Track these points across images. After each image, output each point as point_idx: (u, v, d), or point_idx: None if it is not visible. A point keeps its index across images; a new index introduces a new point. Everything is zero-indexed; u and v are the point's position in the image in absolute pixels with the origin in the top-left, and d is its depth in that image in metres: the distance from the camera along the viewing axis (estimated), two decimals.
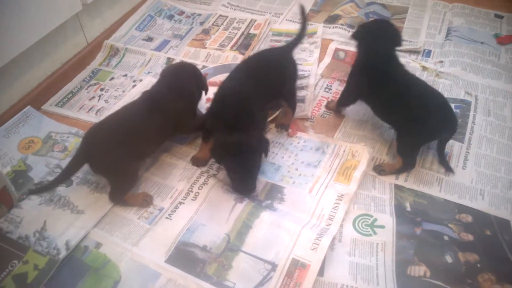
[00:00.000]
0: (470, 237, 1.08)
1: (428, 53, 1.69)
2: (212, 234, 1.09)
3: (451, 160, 1.28)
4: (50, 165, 1.28)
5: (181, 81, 1.26)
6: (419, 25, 1.84)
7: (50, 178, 1.23)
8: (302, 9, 1.34)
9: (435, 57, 1.67)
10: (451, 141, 1.30)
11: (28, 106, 1.46)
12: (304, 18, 1.42)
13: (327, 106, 1.48)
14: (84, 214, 1.15)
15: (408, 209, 1.16)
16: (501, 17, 1.88)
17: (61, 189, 1.20)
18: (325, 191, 1.19)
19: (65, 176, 1.16)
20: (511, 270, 1.01)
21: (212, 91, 1.49)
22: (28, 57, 1.45)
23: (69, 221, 1.12)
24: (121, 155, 1.12)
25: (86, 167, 1.17)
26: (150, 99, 1.21)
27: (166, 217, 1.14)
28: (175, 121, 1.23)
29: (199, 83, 1.31)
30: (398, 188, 1.21)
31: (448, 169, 1.25)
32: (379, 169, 1.24)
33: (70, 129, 1.41)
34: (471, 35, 1.76)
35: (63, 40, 1.61)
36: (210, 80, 1.56)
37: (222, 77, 1.56)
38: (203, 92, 1.34)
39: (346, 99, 1.40)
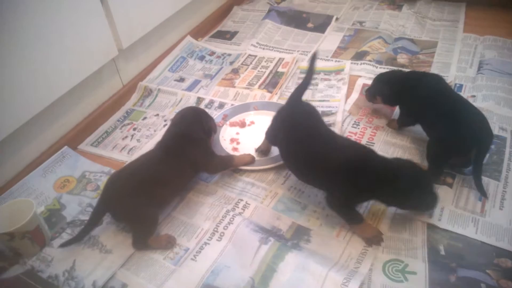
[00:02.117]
0: (510, 285, 1.01)
1: (459, 88, 1.65)
2: (237, 277, 1.08)
3: (487, 199, 1.22)
4: (82, 204, 1.33)
5: (187, 126, 1.31)
6: (449, 59, 1.81)
7: (82, 217, 1.27)
8: (314, 56, 1.31)
9: (467, 92, 1.62)
10: (486, 180, 1.25)
11: (65, 146, 1.53)
12: (312, 65, 1.32)
13: (388, 125, 1.51)
14: (111, 254, 1.17)
15: (442, 252, 1.10)
16: None
17: None
18: (353, 237, 1.16)
19: (89, 227, 1.18)
20: None
21: (233, 131, 1.54)
22: (67, 100, 1.53)
23: (97, 261, 1.15)
24: (140, 203, 1.15)
25: None
26: (162, 147, 1.27)
27: (191, 258, 1.14)
28: (192, 165, 1.27)
29: (205, 125, 1.35)
30: (431, 229, 1.16)
31: (483, 194, 1.21)
32: None
33: (103, 168, 1.46)
34: (504, 68, 1.71)
35: (99, 83, 1.69)
36: (231, 120, 1.60)
37: (243, 116, 1.59)
38: (212, 133, 1.40)
39: (405, 119, 1.45)
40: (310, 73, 1.32)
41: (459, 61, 1.80)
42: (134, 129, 1.65)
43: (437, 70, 1.75)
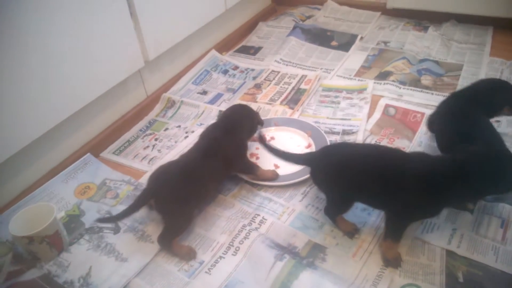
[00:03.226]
0: None
1: None
2: None
3: (509, 227, 1.18)
4: (101, 211, 1.35)
5: (234, 120, 1.38)
6: None
7: (100, 224, 1.29)
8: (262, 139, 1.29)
9: None
10: (508, 208, 1.22)
11: (88, 153, 1.56)
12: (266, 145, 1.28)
13: None
14: (127, 262, 1.18)
15: (461, 280, 1.07)
16: None
17: (109, 236, 1.25)
18: (369, 257, 1.14)
19: (131, 210, 1.18)
20: None
21: (253, 146, 1.55)
22: (92, 108, 1.57)
23: (112, 268, 1.16)
24: (184, 197, 1.19)
25: (135, 214, 1.23)
26: (207, 143, 1.31)
27: (206, 272, 1.14)
28: (228, 161, 1.30)
29: (253, 120, 1.44)
30: (449, 255, 1.13)
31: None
32: None
33: (123, 177, 1.48)
34: None
35: (124, 93, 1.73)
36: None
37: (263, 131, 1.60)
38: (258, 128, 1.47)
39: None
40: (268, 148, 1.28)
41: None
42: (156, 140, 1.68)
43: None
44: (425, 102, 1.72)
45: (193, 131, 1.68)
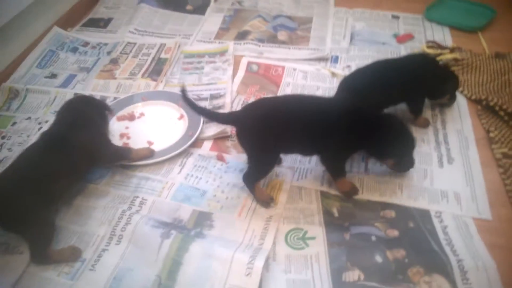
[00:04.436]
0: (395, 233, 1.12)
1: (336, 59, 1.76)
2: (142, 279, 1.03)
3: (369, 159, 1.32)
4: None
5: (79, 112, 1.22)
6: (324, 33, 1.91)
7: None
8: (183, 91, 1.20)
9: (342, 63, 1.73)
10: None
11: None
12: (188, 100, 1.21)
13: (418, 125, 1.42)
14: None
15: (336, 215, 1.18)
16: (397, 17, 2.01)
17: None
18: (254, 214, 1.18)
19: None
20: (437, 259, 1.04)
21: (121, 125, 1.45)
22: None
23: None
24: (30, 204, 1.03)
25: None
26: (50, 139, 1.14)
27: (90, 269, 1.06)
28: (86, 155, 1.17)
29: (100, 109, 1.29)
30: (323, 195, 1.23)
31: None
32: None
33: None
34: (372, 37, 1.86)
35: None
36: (118, 114, 1.50)
37: (130, 108, 1.51)
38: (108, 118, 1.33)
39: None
40: (192, 105, 1.22)
41: (333, 34, 1.90)
42: (3, 137, 1.46)
43: (314, 45, 1.84)
44: (284, 56, 1.79)
45: (47, 121, 1.50)
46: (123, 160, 1.30)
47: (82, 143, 1.15)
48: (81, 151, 1.15)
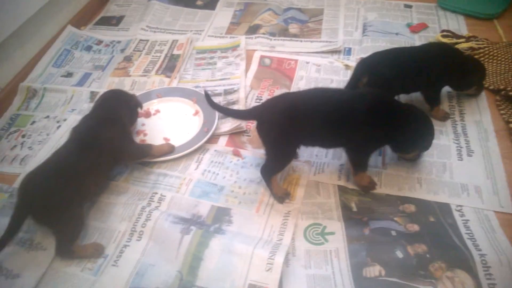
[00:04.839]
0: (416, 228, 1.11)
1: (348, 51, 1.75)
2: (163, 274, 1.04)
3: (386, 153, 1.32)
4: None
5: (111, 109, 1.25)
6: (336, 25, 1.90)
7: None
8: (206, 94, 1.31)
9: (355, 54, 1.72)
10: None
11: None
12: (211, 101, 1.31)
13: (435, 117, 1.39)
14: (20, 278, 1.05)
15: (355, 209, 1.18)
16: (410, 6, 1.98)
17: None
18: (272, 209, 1.18)
19: (9, 236, 1.04)
20: (459, 254, 1.04)
21: (138, 123, 1.46)
22: None
23: None
24: (63, 200, 1.06)
25: None
26: (82, 137, 1.17)
27: (112, 264, 1.08)
28: (113, 152, 1.20)
29: (131, 106, 1.32)
30: (341, 190, 1.23)
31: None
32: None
33: None
34: (385, 27, 1.84)
35: None
36: None
37: (146, 105, 1.51)
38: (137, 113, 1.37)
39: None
40: (217, 107, 1.32)
41: (345, 25, 1.89)
42: (23, 136, 1.49)
43: (326, 37, 1.83)
44: (296, 50, 1.78)
45: (65, 119, 1.52)
46: (145, 157, 1.31)
47: (110, 140, 1.18)
48: (109, 148, 1.18)
